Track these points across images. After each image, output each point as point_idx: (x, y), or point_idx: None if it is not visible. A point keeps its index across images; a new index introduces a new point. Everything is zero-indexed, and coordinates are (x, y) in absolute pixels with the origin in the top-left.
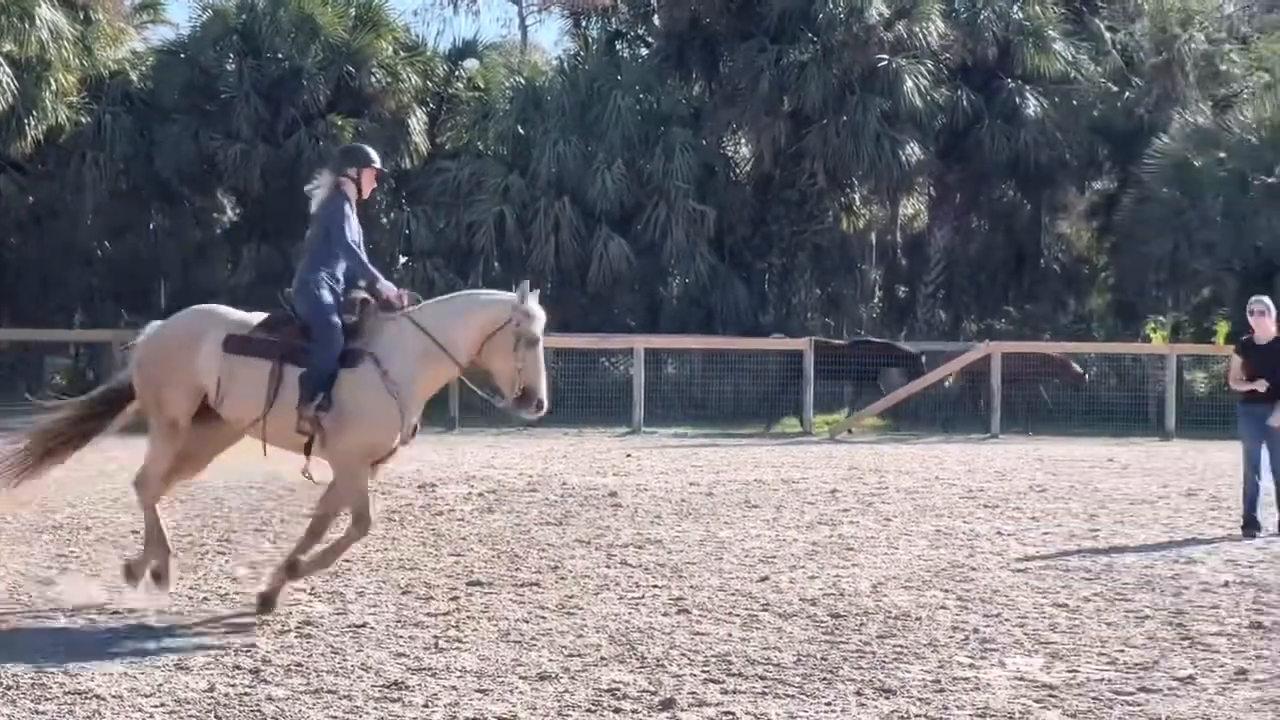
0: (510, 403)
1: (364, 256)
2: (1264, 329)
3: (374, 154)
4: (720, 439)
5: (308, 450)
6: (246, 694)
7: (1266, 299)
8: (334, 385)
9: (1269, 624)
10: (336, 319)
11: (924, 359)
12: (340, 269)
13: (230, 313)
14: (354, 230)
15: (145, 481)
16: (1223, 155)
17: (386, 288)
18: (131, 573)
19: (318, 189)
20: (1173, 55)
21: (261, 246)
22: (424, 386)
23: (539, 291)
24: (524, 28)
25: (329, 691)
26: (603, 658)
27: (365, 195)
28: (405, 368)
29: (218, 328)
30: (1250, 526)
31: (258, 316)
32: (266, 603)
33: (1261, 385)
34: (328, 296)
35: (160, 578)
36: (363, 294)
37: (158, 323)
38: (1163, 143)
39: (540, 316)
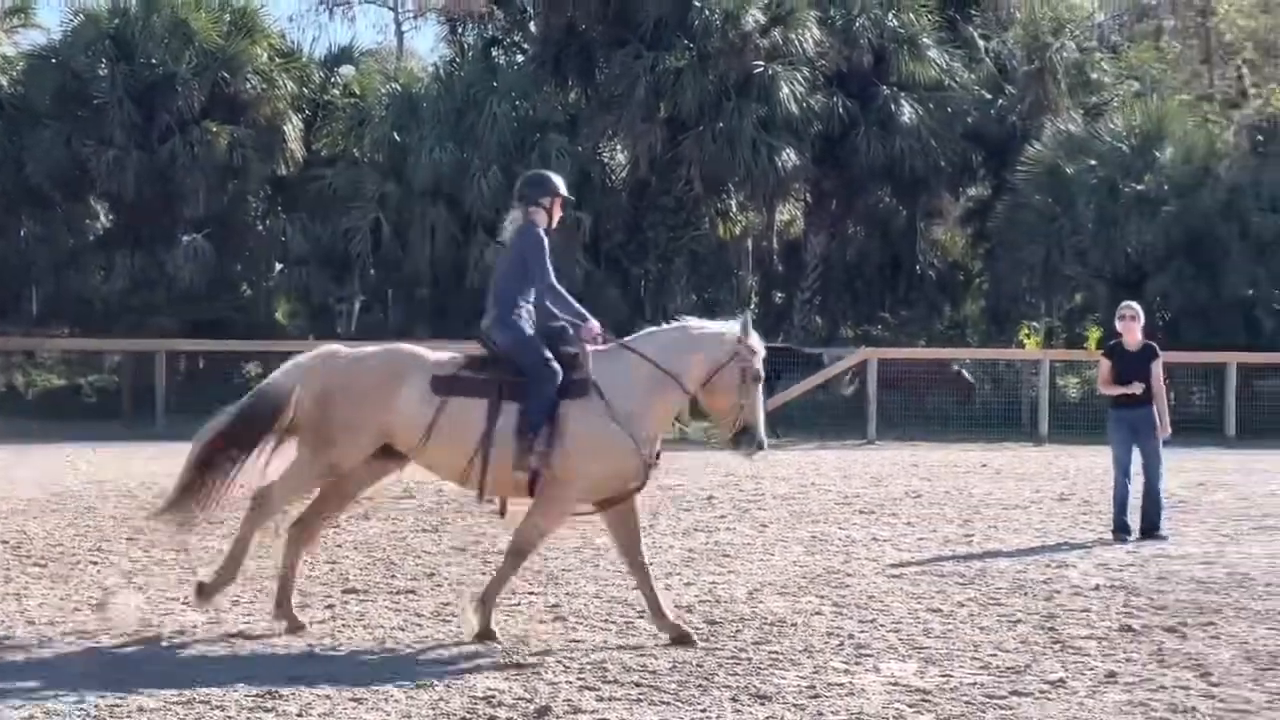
0: (727, 441)
1: (563, 290)
2: (1132, 335)
3: (561, 182)
4: None
5: (531, 489)
6: (117, 705)
7: (1136, 305)
8: (557, 419)
9: (1138, 627)
10: (548, 351)
11: (825, 358)
12: (532, 301)
13: (425, 352)
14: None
15: (266, 503)
16: (1094, 163)
17: (591, 321)
18: (204, 591)
19: (511, 222)
20: (1045, 63)
21: (135, 253)
22: (657, 417)
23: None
24: (400, 34)
25: (201, 702)
26: (478, 665)
27: (554, 224)
28: (634, 398)
29: (420, 369)
30: (1120, 530)
31: (448, 354)
32: (485, 636)
33: (1137, 387)
34: (531, 329)
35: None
36: (563, 324)
37: (338, 353)
38: (1035, 150)
39: (762, 351)
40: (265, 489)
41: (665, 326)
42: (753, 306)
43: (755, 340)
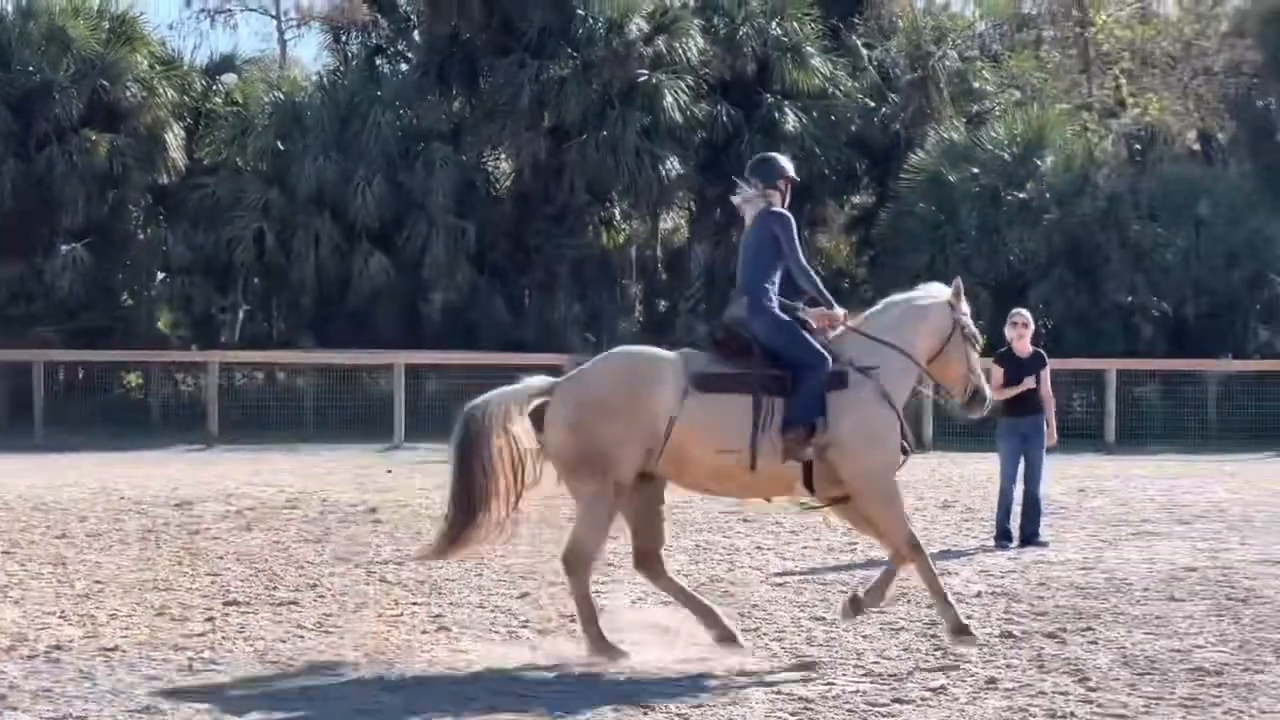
0: (962, 404)
1: (812, 272)
2: (1023, 343)
3: (790, 164)
4: None
5: (808, 483)
6: None
7: (1026, 313)
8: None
9: (1019, 633)
10: (811, 338)
11: None
12: (777, 283)
13: (660, 351)
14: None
15: (579, 560)
16: (976, 171)
17: (836, 307)
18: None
19: (745, 201)
20: (927, 72)
21: (13, 263)
22: (902, 398)
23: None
24: (283, 42)
25: (78, 718)
26: (361, 676)
27: (785, 206)
28: (893, 382)
29: (670, 368)
30: (1003, 538)
31: (684, 350)
32: (961, 631)
33: (1030, 383)
34: (786, 316)
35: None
36: (800, 313)
37: (556, 382)
38: (918, 158)
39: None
40: (570, 549)
41: (880, 305)
42: (636, 314)
43: (965, 304)
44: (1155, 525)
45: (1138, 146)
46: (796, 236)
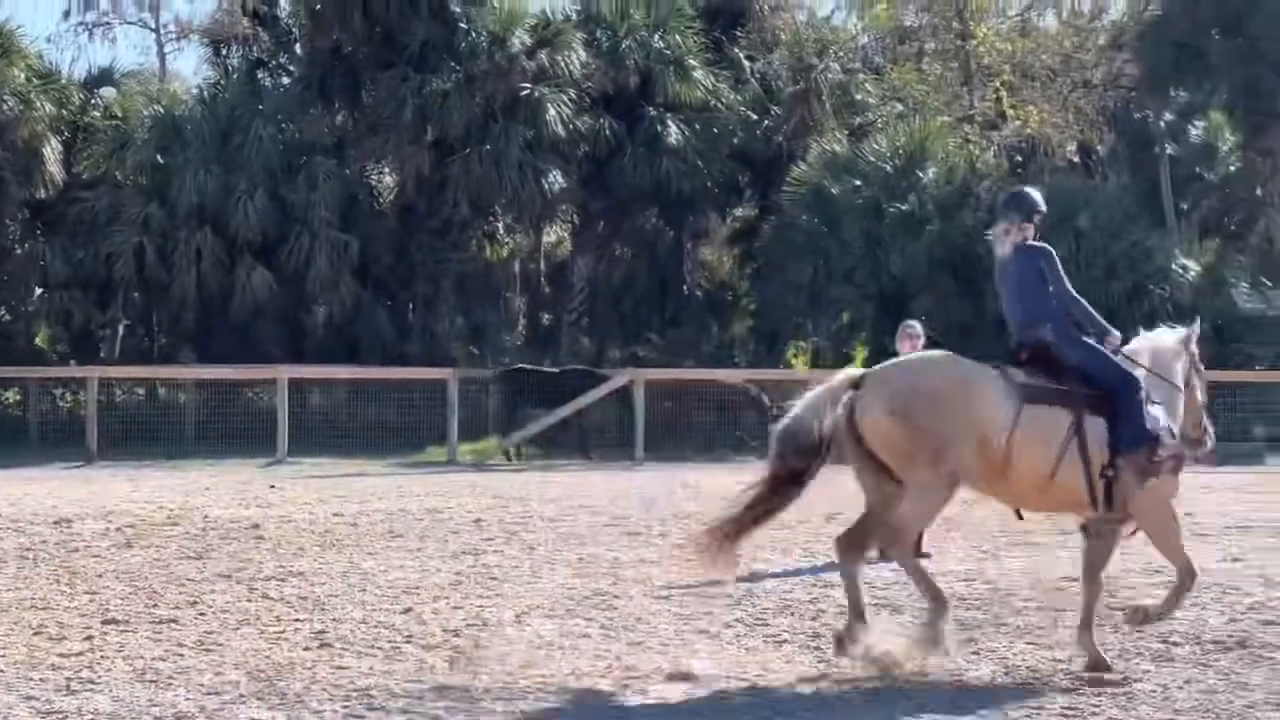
0: (1193, 439)
1: (1084, 302)
2: (905, 350)
3: (1040, 199)
4: (366, 468)
5: (1107, 500)
6: None
7: (918, 324)
8: None
9: None
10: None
11: (630, 383)
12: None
13: (969, 362)
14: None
15: (895, 539)
16: (859, 183)
17: (1114, 333)
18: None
19: (1002, 235)
20: (810, 84)
21: None
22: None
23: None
24: (162, 56)
25: None
26: (242, 695)
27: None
28: (1171, 412)
29: (986, 373)
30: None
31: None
32: (1097, 667)
33: None
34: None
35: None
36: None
37: (873, 374)
38: (801, 170)
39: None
40: (891, 527)
41: (1137, 341)
42: (520, 328)
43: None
44: (1036, 535)
45: (1018, 158)
46: (1060, 267)
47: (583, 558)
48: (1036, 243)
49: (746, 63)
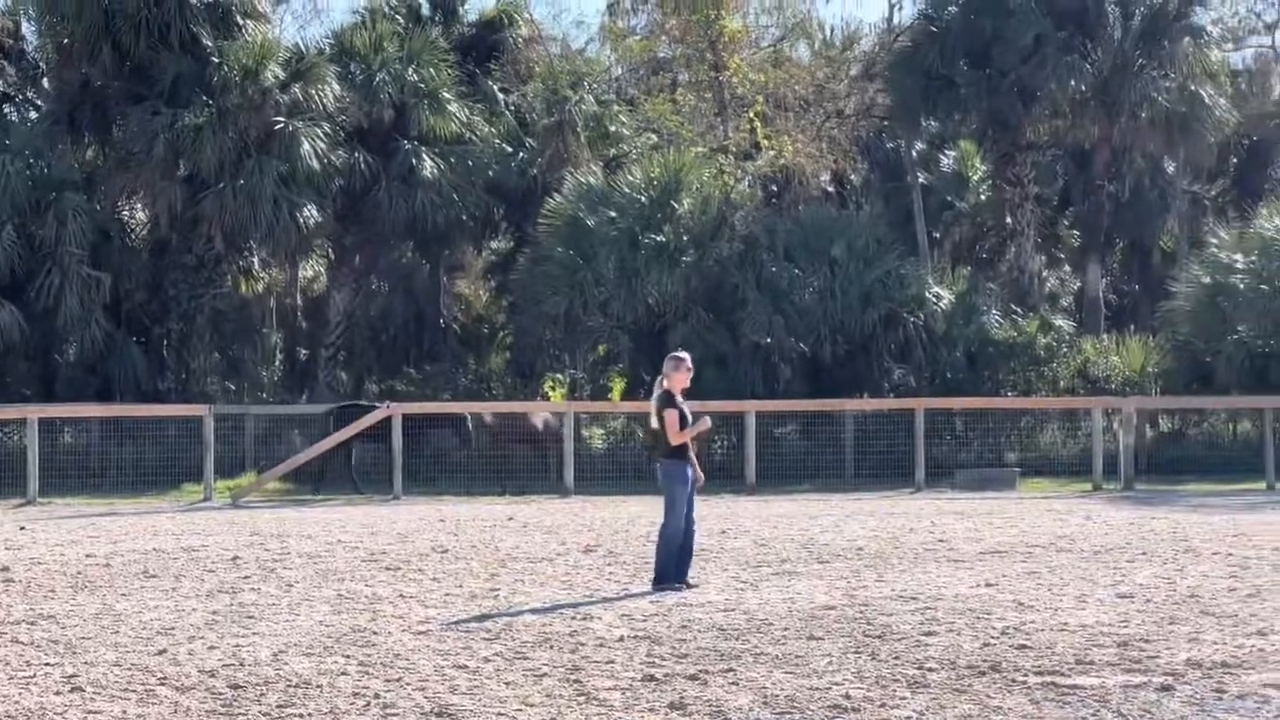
0: None
1: None
2: (685, 384)
3: None
4: (120, 508)
5: None
6: None
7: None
8: None
9: (660, 676)
10: None
11: (468, 419)
12: None
13: None
14: None
15: None
16: (614, 214)
17: None
18: None
19: None
20: (564, 116)
21: None
22: None
23: None
24: None
25: None
26: None
27: None
28: None
29: None
30: (680, 579)
31: None
32: None
33: (706, 422)
34: None
35: None
36: None
37: None
38: (556, 202)
39: None
40: None
41: None
42: (277, 363)
43: None
44: (795, 565)
45: (773, 188)
46: None
47: (341, 594)
48: None
49: (501, 95)
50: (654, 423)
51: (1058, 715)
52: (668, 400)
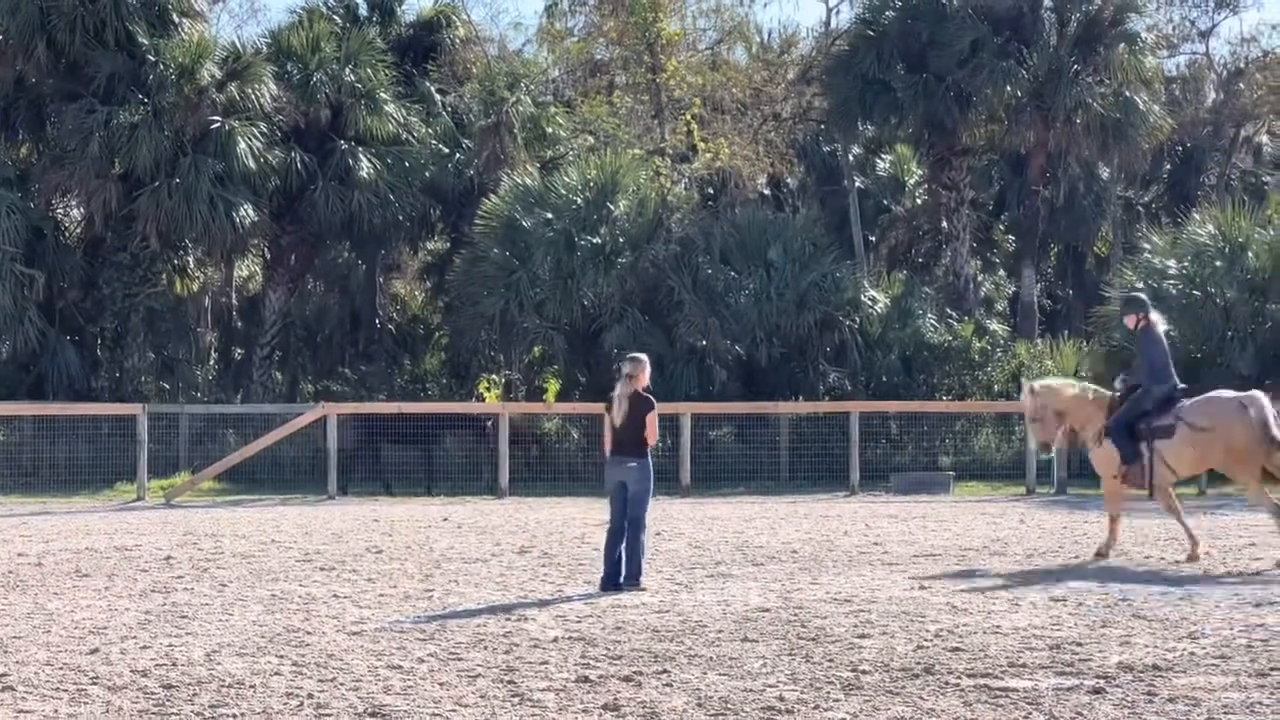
0: None
1: None
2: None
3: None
4: (52, 506)
5: None
6: None
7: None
8: None
9: (595, 677)
10: None
11: (489, 421)
12: None
13: None
14: None
15: None
16: (550, 216)
17: None
18: None
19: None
20: (501, 117)
21: None
22: None
23: None
24: None
25: None
26: None
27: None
28: None
29: None
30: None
31: None
32: None
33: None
34: None
35: None
36: None
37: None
38: (492, 203)
39: None
40: None
41: None
42: (212, 363)
43: None
44: (729, 566)
45: (710, 191)
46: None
47: (275, 594)
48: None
49: (438, 96)
50: (619, 420)
51: (991, 717)
52: (649, 402)
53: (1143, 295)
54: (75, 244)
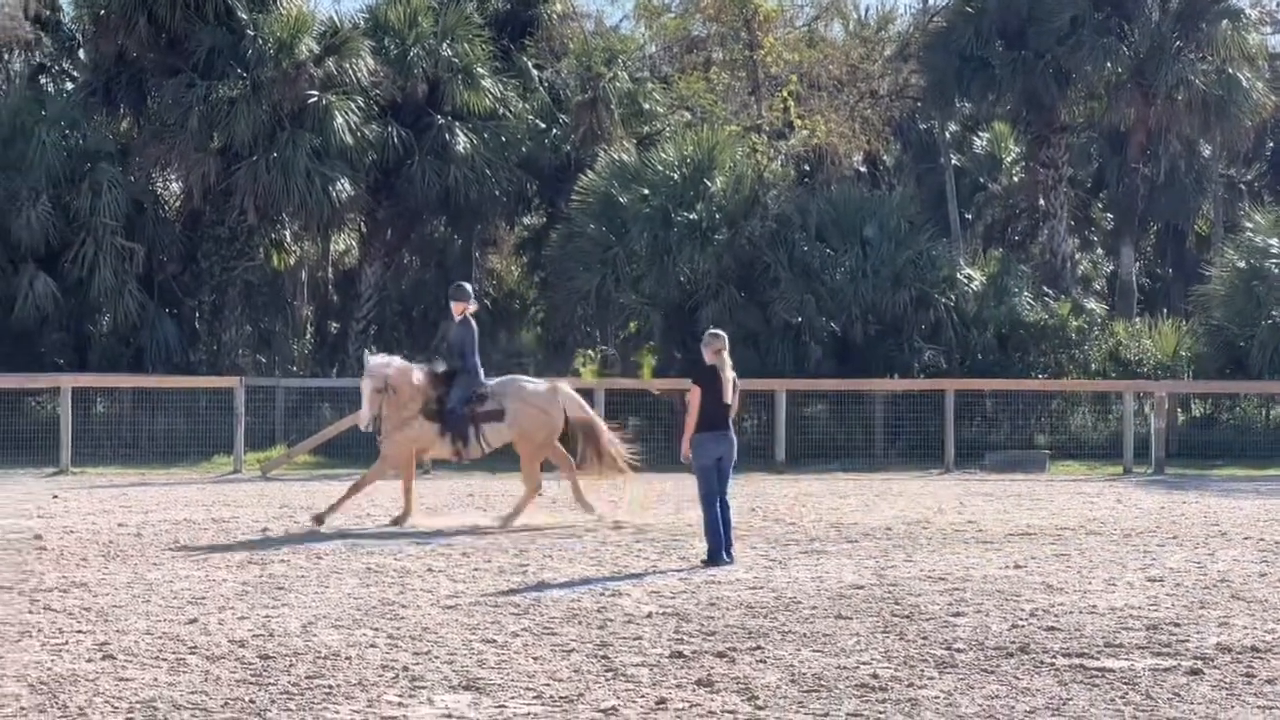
0: None
1: None
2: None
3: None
4: (151, 478)
5: None
6: None
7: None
8: None
9: (689, 653)
10: None
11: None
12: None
13: None
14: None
15: None
16: (647, 192)
17: None
18: None
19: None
20: (598, 93)
21: None
22: None
23: None
24: None
25: None
26: (23, 708)
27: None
28: None
29: None
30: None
31: None
32: None
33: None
34: None
35: None
36: None
37: None
38: (589, 179)
39: None
40: None
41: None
42: (308, 336)
43: None
44: (823, 543)
45: (806, 168)
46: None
47: (370, 567)
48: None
49: (535, 71)
50: (730, 395)
51: (1086, 697)
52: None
53: (467, 285)
54: (174, 218)
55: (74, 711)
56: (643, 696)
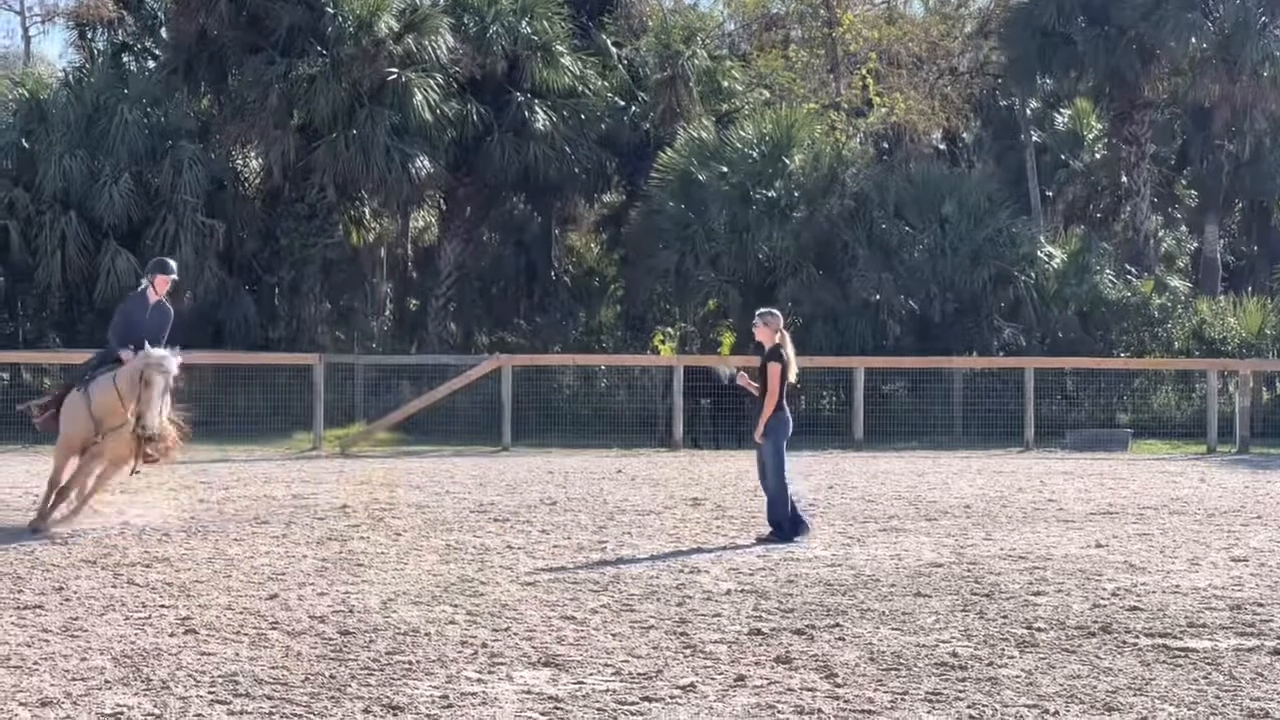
0: None
1: None
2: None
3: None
4: (231, 454)
5: None
6: None
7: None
8: None
9: (767, 630)
10: None
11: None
12: None
13: None
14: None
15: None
16: (725, 170)
17: None
18: None
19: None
20: (677, 71)
21: None
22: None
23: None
24: (27, 39)
25: None
26: (107, 681)
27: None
28: None
29: None
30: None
31: None
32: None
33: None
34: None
35: None
36: None
37: None
38: (668, 156)
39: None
40: None
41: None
42: (387, 313)
43: None
44: (902, 521)
45: (885, 145)
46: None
47: (449, 544)
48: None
49: (614, 49)
50: (795, 376)
51: (1168, 678)
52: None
53: (170, 260)
54: (254, 195)
55: (157, 685)
56: (721, 673)
